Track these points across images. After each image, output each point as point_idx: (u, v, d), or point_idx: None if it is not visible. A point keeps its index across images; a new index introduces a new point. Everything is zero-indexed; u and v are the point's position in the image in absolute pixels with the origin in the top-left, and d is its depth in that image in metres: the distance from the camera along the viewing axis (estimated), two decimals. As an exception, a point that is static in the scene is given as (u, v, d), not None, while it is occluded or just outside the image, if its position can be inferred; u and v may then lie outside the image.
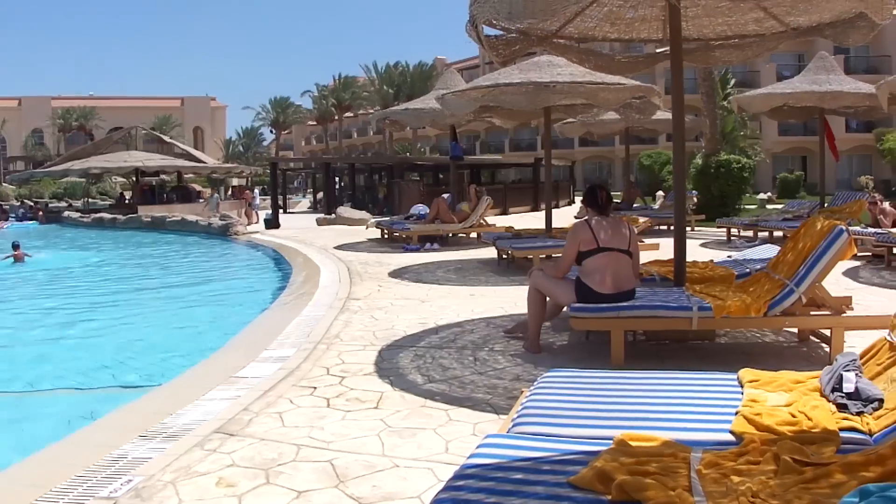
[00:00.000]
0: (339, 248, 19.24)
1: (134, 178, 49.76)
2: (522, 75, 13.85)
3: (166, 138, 62.09)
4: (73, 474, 4.92)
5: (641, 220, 17.33)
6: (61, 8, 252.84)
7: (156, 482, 4.67)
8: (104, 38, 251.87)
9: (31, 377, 9.24)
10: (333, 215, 30.24)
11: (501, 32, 9.23)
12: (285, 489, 4.49)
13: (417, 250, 17.71)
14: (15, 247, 21.79)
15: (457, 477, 3.16)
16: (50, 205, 55.70)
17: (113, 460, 5.13)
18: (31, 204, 54.52)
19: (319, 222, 29.37)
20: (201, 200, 48.68)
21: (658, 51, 10.89)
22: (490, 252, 16.09)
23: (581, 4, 8.80)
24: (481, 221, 19.28)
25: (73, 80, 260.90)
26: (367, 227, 24.21)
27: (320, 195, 48.00)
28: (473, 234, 19.88)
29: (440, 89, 20.07)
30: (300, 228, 27.61)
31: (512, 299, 10.54)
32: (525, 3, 7.59)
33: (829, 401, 3.99)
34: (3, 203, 56.99)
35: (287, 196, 50.84)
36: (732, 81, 45.41)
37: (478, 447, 3.50)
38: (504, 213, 33.55)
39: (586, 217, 7.58)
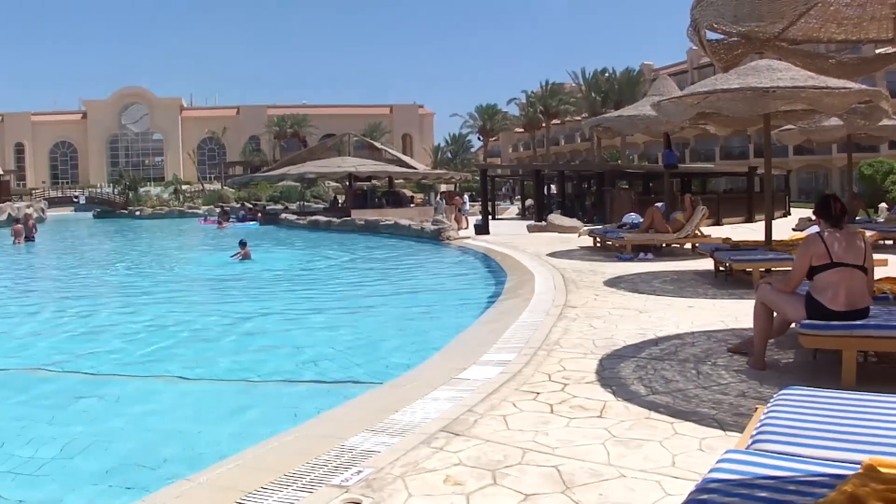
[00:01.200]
0: (551, 255, 19.23)
1: (347, 183, 51.20)
2: (741, 80, 13.47)
3: (378, 144, 63.70)
4: (303, 461, 5.16)
5: (868, 233, 16.55)
6: (275, 21, 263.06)
7: (385, 475, 4.83)
8: (317, 48, 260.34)
9: (257, 367, 9.77)
10: (544, 222, 30.23)
11: (723, 36, 9.04)
12: (512, 491, 4.54)
13: (631, 260, 17.51)
14: (242, 244, 22.98)
15: (699, 490, 3.12)
16: (267, 207, 58.00)
17: (342, 451, 5.34)
18: (251, 206, 56.89)
19: (530, 229, 29.44)
20: (413, 205, 49.66)
21: (878, 51, 10.43)
22: (706, 263, 15.75)
23: (807, 5, 8.51)
24: (696, 232, 18.90)
25: (287, 89, 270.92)
26: (578, 235, 24.06)
27: (529, 202, 48.14)
28: (688, 245, 19.48)
29: (653, 95, 19.81)
30: (510, 235, 27.81)
31: (732, 313, 10.29)
32: (751, 6, 7.40)
33: None
34: (224, 205, 59.84)
35: (495, 202, 51.18)
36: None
37: (718, 462, 3.45)
38: (717, 223, 32.77)
39: (818, 229, 7.31)
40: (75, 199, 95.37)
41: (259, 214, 50.00)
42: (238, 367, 9.88)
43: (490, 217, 33.96)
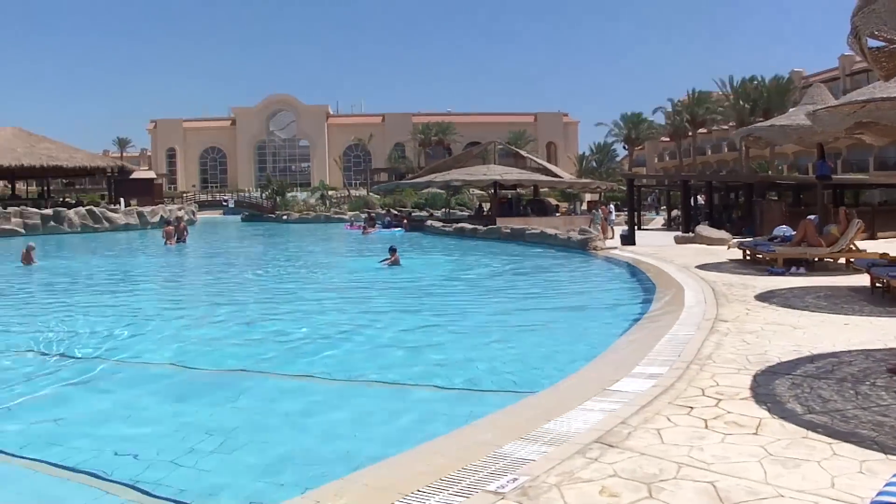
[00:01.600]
0: (700, 267, 18.91)
1: (492, 191, 51.35)
2: (901, 88, 13.07)
3: (523, 153, 63.75)
4: (459, 466, 5.29)
5: None
6: (420, 29, 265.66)
7: (541, 483, 4.91)
8: (462, 56, 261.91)
9: (411, 372, 10.02)
10: (691, 233, 29.78)
11: (884, 44, 8.81)
12: (668, 505, 4.55)
13: (782, 274, 17.06)
14: (392, 251, 23.37)
15: (868, 514, 3.11)
16: (412, 213, 58.66)
17: (496, 458, 5.44)
18: (396, 212, 57.65)
19: (677, 240, 29.02)
20: (558, 214, 49.55)
21: None
22: (861, 279, 15.29)
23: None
24: (851, 246, 18.33)
25: (431, 97, 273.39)
26: (727, 248, 23.64)
27: (675, 212, 47.48)
28: (842, 260, 18.87)
29: (805, 104, 19.35)
30: (657, 246, 27.48)
31: (891, 332, 10.00)
32: (916, 11, 7.21)
33: None
34: (370, 211, 60.87)
35: (640, 213, 50.64)
36: None
37: (886, 486, 3.40)
38: (872, 237, 31.67)
39: None
40: (224, 203, 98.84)
41: (404, 221, 50.61)
42: (392, 371, 10.12)
43: (636, 227, 33.57)
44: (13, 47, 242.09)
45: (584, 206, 60.46)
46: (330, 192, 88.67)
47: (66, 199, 71.80)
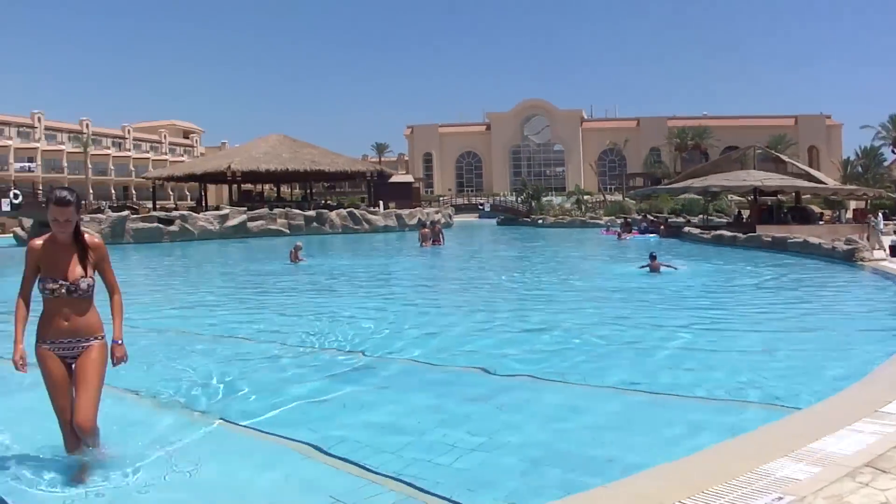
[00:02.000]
0: (978, 283, 17.85)
1: (751, 197, 50.10)
2: None
3: (784, 157, 61.84)
4: (722, 481, 5.30)
5: None
6: (670, 32, 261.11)
7: (807, 504, 4.83)
8: (717, 59, 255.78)
9: (665, 380, 10.04)
10: (966, 247, 28.12)
11: None
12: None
13: None
14: (652, 257, 23.24)
15: None
16: (669, 219, 58.11)
17: (759, 475, 5.41)
18: (653, 218, 57.30)
19: (948, 253, 27.52)
20: (821, 222, 47.82)
21: None
22: None
23: None
24: None
25: (686, 100, 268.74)
26: None
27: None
28: None
29: None
30: (929, 258, 26.02)
31: None
32: None
33: None
34: (627, 216, 60.76)
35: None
36: None
37: None
38: None
39: None
40: (480, 207, 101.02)
41: (661, 227, 50.13)
42: (653, 379, 10.10)
43: (904, 238, 31.94)
44: (278, 61, 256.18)
45: (849, 215, 57.92)
46: (585, 197, 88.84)
47: (328, 202, 75.57)
